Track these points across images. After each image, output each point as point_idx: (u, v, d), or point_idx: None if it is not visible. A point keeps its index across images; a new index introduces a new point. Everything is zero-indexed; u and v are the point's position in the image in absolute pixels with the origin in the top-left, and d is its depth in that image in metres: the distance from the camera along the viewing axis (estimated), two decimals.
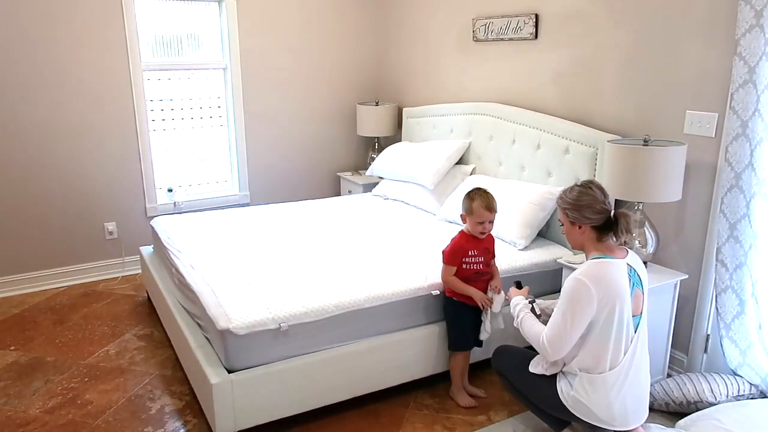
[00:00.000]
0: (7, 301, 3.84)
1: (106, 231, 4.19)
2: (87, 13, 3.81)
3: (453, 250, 2.61)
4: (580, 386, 2.11)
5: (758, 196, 2.42)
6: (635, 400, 2.13)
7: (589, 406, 2.10)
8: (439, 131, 4.21)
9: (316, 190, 4.98)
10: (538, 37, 3.47)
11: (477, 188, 2.62)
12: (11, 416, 2.63)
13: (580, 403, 2.12)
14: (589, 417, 2.13)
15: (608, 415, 2.11)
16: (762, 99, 2.34)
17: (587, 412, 2.12)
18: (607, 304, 2.02)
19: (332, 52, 4.78)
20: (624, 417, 2.12)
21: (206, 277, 2.71)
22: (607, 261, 2.08)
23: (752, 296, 2.51)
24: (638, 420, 2.15)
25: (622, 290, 2.04)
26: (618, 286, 2.04)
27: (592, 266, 2.06)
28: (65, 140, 3.93)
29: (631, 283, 2.08)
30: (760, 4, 2.27)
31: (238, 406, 2.33)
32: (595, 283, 2.02)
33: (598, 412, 2.10)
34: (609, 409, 2.10)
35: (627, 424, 2.13)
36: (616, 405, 2.09)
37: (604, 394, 2.08)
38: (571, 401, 2.14)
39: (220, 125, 4.54)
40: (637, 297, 2.11)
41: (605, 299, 2.02)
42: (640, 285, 2.13)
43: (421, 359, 2.71)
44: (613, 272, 2.05)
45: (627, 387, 2.09)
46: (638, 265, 2.16)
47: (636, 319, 2.11)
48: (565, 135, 3.20)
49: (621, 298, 2.04)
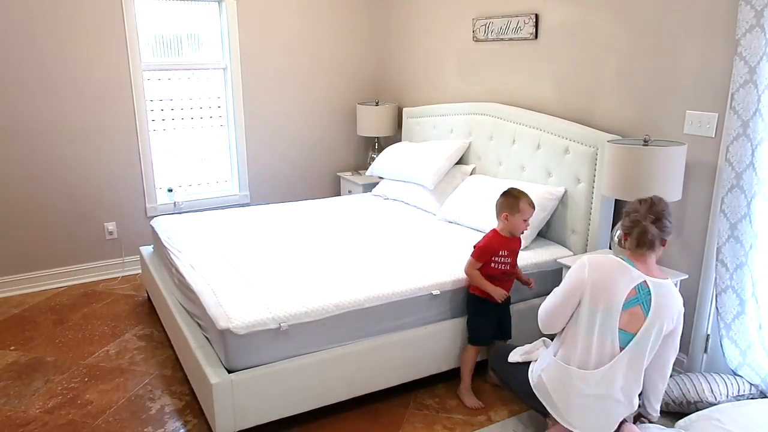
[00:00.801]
0: (7, 301, 3.84)
1: (106, 231, 4.19)
2: (87, 13, 3.81)
3: (485, 247, 2.66)
4: (550, 368, 2.19)
5: (759, 196, 2.42)
6: (598, 420, 2.12)
7: (549, 391, 2.16)
8: (439, 131, 4.21)
9: (316, 190, 4.98)
10: (538, 37, 3.47)
11: (513, 188, 2.71)
12: (11, 416, 2.63)
13: (542, 384, 2.18)
14: (547, 402, 2.18)
15: (565, 410, 2.14)
16: (763, 99, 2.34)
17: (546, 396, 2.18)
18: (593, 291, 2.11)
19: (332, 52, 4.78)
20: (579, 424, 2.13)
21: (206, 277, 2.70)
22: (620, 261, 2.14)
23: (752, 296, 2.51)
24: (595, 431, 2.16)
25: (613, 289, 2.09)
26: (612, 283, 2.09)
27: (603, 257, 2.18)
28: (65, 140, 3.93)
29: (635, 297, 2.09)
30: (760, 4, 2.27)
31: (238, 406, 2.33)
32: (593, 267, 2.14)
33: (556, 400, 2.15)
34: (566, 405, 2.13)
35: (583, 430, 2.15)
36: (575, 408, 2.11)
37: (563, 388, 2.13)
38: (536, 380, 2.21)
39: (220, 125, 4.54)
40: (634, 314, 2.10)
41: (594, 286, 2.11)
42: (643, 305, 2.10)
43: (421, 359, 2.71)
44: (617, 271, 2.11)
45: (592, 401, 2.10)
46: (660, 290, 2.11)
47: (625, 334, 2.10)
48: (565, 135, 3.20)
49: (607, 295, 2.09)
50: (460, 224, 3.46)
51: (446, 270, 2.80)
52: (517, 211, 2.62)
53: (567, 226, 3.18)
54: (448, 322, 2.76)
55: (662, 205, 2.19)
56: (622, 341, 2.10)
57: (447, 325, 2.75)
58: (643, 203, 2.20)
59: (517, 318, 2.83)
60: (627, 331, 2.10)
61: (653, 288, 2.11)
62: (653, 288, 2.11)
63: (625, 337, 2.10)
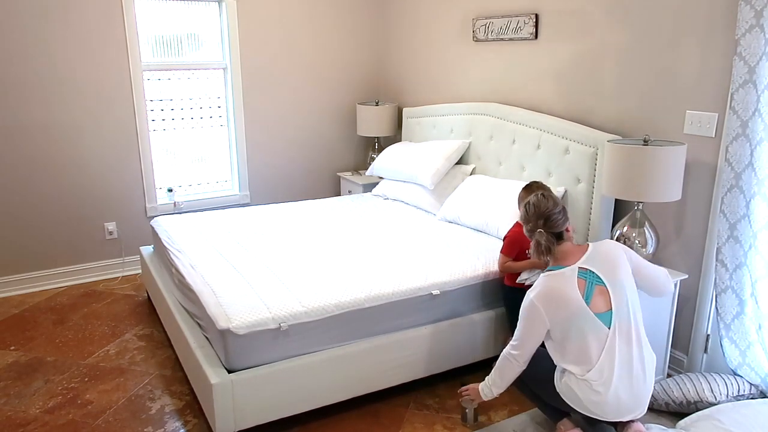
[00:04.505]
0: (7, 301, 3.84)
1: (106, 231, 4.19)
2: (87, 13, 3.81)
3: (513, 239, 2.68)
4: (572, 381, 2.16)
5: (758, 196, 2.42)
6: (630, 395, 2.13)
7: (579, 396, 2.14)
8: (439, 131, 4.21)
9: (316, 190, 4.98)
10: (538, 37, 3.47)
11: (535, 181, 2.74)
12: (11, 416, 2.63)
13: (571, 391, 2.16)
14: (580, 407, 2.16)
15: (600, 409, 2.13)
16: (762, 99, 2.34)
17: (578, 402, 2.16)
18: (558, 316, 2.13)
19: (332, 52, 4.78)
20: (617, 411, 2.13)
21: (206, 277, 2.71)
22: (555, 274, 2.16)
23: (752, 296, 2.51)
24: (632, 413, 2.16)
25: (571, 301, 2.11)
26: (567, 298, 2.11)
27: (543, 282, 2.18)
28: (65, 140, 3.93)
29: (588, 283, 2.13)
30: (760, 4, 2.27)
31: (238, 406, 2.33)
32: (544, 302, 2.14)
33: (588, 404, 2.13)
34: (600, 406, 2.12)
35: (620, 416, 2.15)
36: (609, 400, 2.11)
37: (591, 393, 2.11)
38: (564, 388, 2.19)
39: (220, 125, 4.54)
40: (601, 293, 2.13)
41: (556, 313, 2.13)
42: (600, 281, 2.14)
43: (421, 359, 2.71)
44: (561, 286, 2.13)
45: (617, 382, 2.10)
46: (596, 261, 2.16)
47: (607, 315, 2.12)
48: (565, 135, 3.20)
49: (571, 309, 2.11)
50: (460, 224, 3.47)
51: (446, 270, 2.80)
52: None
53: None
54: (448, 322, 2.76)
55: (544, 203, 2.22)
56: (608, 321, 2.12)
57: (447, 325, 2.75)
58: (529, 208, 2.25)
59: None
60: (607, 311, 2.12)
61: (589, 266, 2.15)
62: (589, 266, 2.15)
63: (606, 317, 2.12)
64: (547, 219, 2.20)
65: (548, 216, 2.20)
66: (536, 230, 2.21)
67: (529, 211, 2.25)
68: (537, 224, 2.21)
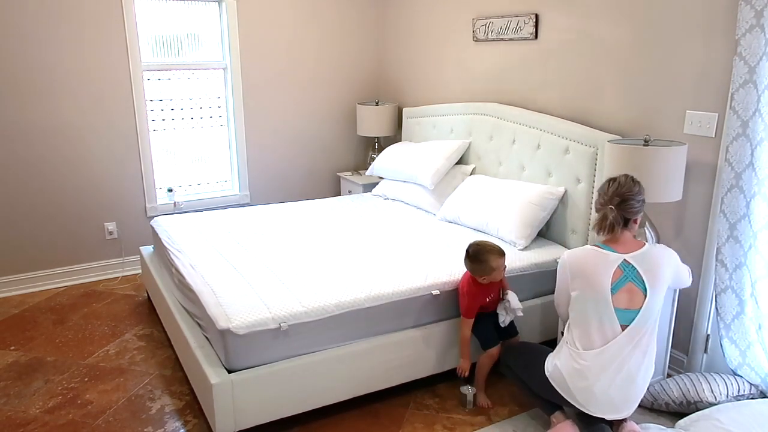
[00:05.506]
0: (7, 301, 3.84)
1: (106, 231, 4.19)
2: (87, 13, 3.81)
3: (470, 304, 2.64)
4: (562, 354, 2.21)
5: (758, 196, 2.42)
6: (618, 393, 2.14)
7: (564, 377, 2.17)
8: (439, 131, 4.21)
9: (316, 190, 4.98)
10: (538, 37, 3.47)
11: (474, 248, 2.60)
12: (11, 416, 2.63)
13: (557, 372, 2.19)
14: (564, 390, 2.19)
15: (585, 398, 2.14)
16: (762, 99, 2.34)
17: (565, 387, 2.18)
18: (579, 283, 2.21)
19: (332, 52, 4.78)
20: (602, 405, 2.15)
21: (206, 277, 2.70)
22: (601, 252, 2.20)
23: (752, 296, 2.51)
24: (617, 412, 2.18)
25: (594, 277, 2.15)
26: (593, 273, 2.16)
27: (581, 250, 2.28)
28: (65, 140, 3.93)
29: (623, 276, 2.15)
30: (760, 4, 2.27)
31: (238, 406, 2.33)
32: (571, 262, 2.26)
33: (575, 391, 2.16)
34: (585, 395, 2.14)
35: (604, 413, 2.17)
36: (595, 392, 2.13)
37: (578, 378, 2.14)
38: (551, 368, 2.23)
39: (220, 125, 4.54)
40: (632, 291, 2.15)
41: (577, 279, 2.22)
42: (635, 280, 2.16)
43: (421, 359, 2.71)
44: (594, 261, 2.18)
45: (608, 376, 2.12)
46: (644, 261, 2.18)
47: (629, 312, 2.13)
48: (565, 135, 3.20)
49: (591, 284, 2.15)
50: (460, 224, 3.47)
51: (446, 270, 2.80)
52: (493, 269, 2.57)
53: (567, 226, 3.18)
54: (448, 322, 2.76)
55: (629, 185, 2.22)
56: (626, 319, 2.14)
57: (447, 325, 2.75)
58: (612, 184, 2.25)
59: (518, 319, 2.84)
60: (631, 309, 2.14)
61: (635, 263, 2.17)
62: (635, 263, 2.17)
63: (629, 315, 2.14)
64: (624, 200, 2.20)
65: (627, 198, 2.20)
66: (608, 206, 2.20)
67: (610, 186, 2.24)
68: (611, 201, 2.21)
